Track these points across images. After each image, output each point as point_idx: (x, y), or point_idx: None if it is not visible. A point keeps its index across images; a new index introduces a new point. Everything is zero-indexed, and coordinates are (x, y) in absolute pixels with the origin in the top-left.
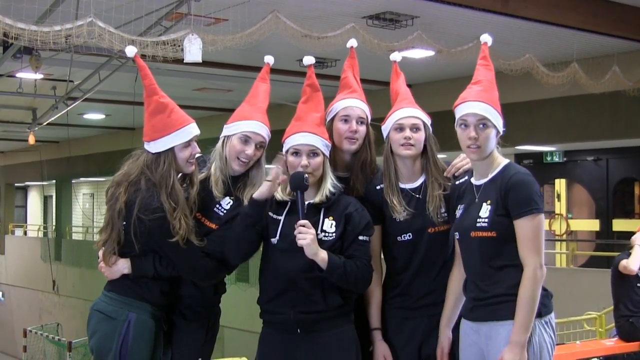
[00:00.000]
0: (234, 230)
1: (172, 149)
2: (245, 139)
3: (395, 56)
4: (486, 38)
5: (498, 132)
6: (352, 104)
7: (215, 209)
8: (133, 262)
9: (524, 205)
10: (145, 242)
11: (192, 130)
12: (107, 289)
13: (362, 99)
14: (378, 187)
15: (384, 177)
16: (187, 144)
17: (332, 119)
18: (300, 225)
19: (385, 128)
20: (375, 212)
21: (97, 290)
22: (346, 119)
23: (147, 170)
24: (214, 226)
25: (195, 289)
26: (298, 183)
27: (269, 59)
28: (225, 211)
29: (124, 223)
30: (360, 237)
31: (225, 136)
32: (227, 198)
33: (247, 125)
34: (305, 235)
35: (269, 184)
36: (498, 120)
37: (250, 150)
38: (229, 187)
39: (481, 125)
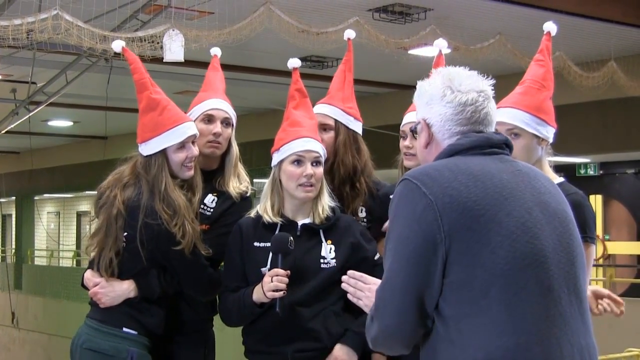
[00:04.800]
0: (232, 305)
1: (164, 151)
2: (209, 118)
3: (440, 43)
4: (549, 27)
5: (542, 140)
6: (317, 110)
7: (200, 210)
8: (138, 283)
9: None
10: (152, 250)
11: (187, 130)
12: (97, 319)
13: (331, 101)
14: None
15: None
16: (182, 146)
17: None
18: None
19: None
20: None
21: (64, 323)
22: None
23: (144, 173)
24: (204, 227)
25: (190, 311)
26: (280, 247)
27: (216, 51)
28: (212, 210)
29: (125, 233)
30: (376, 257)
31: None
32: (210, 195)
33: (206, 105)
34: None
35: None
36: (538, 127)
37: (216, 128)
38: (204, 183)
39: (512, 135)
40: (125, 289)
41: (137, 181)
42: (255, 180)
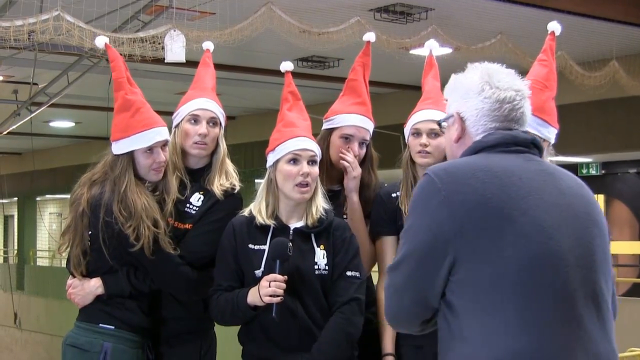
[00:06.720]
0: (225, 304)
1: (131, 153)
2: (195, 119)
3: (431, 44)
4: (554, 27)
5: (544, 140)
6: (360, 123)
7: (186, 209)
8: (105, 280)
9: None
10: (115, 248)
11: (156, 135)
12: (79, 318)
13: (370, 115)
14: (394, 195)
15: (402, 184)
16: (149, 150)
17: (332, 130)
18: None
19: (406, 132)
20: (390, 221)
21: (66, 323)
22: (348, 138)
23: (110, 171)
24: (188, 226)
25: (181, 309)
26: (279, 252)
27: (208, 45)
28: (197, 208)
29: (90, 232)
30: (349, 273)
31: (174, 127)
32: (197, 194)
33: (192, 105)
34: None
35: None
36: (540, 127)
37: (202, 128)
38: (192, 182)
39: None
40: (92, 286)
41: (105, 179)
42: (256, 180)
